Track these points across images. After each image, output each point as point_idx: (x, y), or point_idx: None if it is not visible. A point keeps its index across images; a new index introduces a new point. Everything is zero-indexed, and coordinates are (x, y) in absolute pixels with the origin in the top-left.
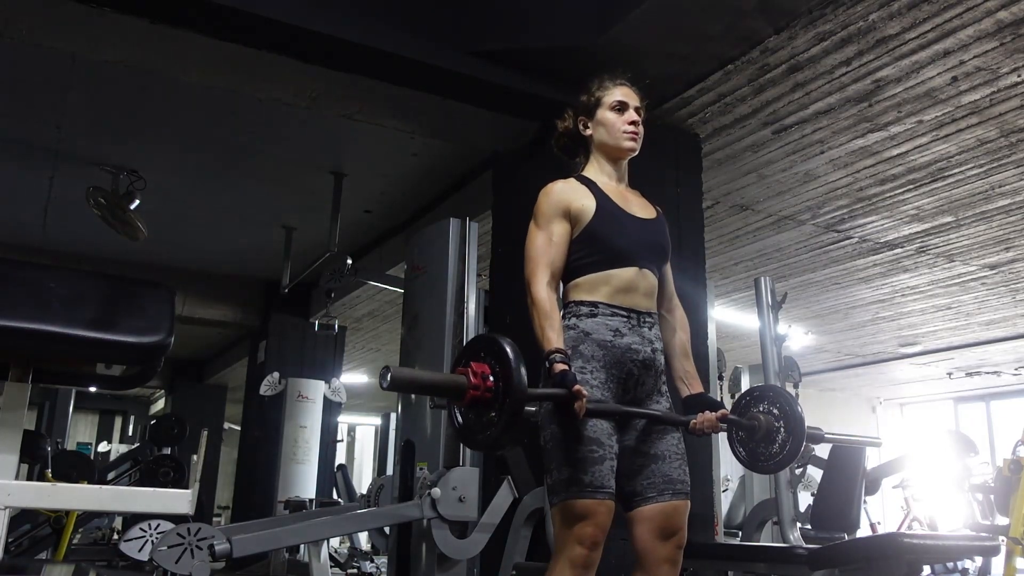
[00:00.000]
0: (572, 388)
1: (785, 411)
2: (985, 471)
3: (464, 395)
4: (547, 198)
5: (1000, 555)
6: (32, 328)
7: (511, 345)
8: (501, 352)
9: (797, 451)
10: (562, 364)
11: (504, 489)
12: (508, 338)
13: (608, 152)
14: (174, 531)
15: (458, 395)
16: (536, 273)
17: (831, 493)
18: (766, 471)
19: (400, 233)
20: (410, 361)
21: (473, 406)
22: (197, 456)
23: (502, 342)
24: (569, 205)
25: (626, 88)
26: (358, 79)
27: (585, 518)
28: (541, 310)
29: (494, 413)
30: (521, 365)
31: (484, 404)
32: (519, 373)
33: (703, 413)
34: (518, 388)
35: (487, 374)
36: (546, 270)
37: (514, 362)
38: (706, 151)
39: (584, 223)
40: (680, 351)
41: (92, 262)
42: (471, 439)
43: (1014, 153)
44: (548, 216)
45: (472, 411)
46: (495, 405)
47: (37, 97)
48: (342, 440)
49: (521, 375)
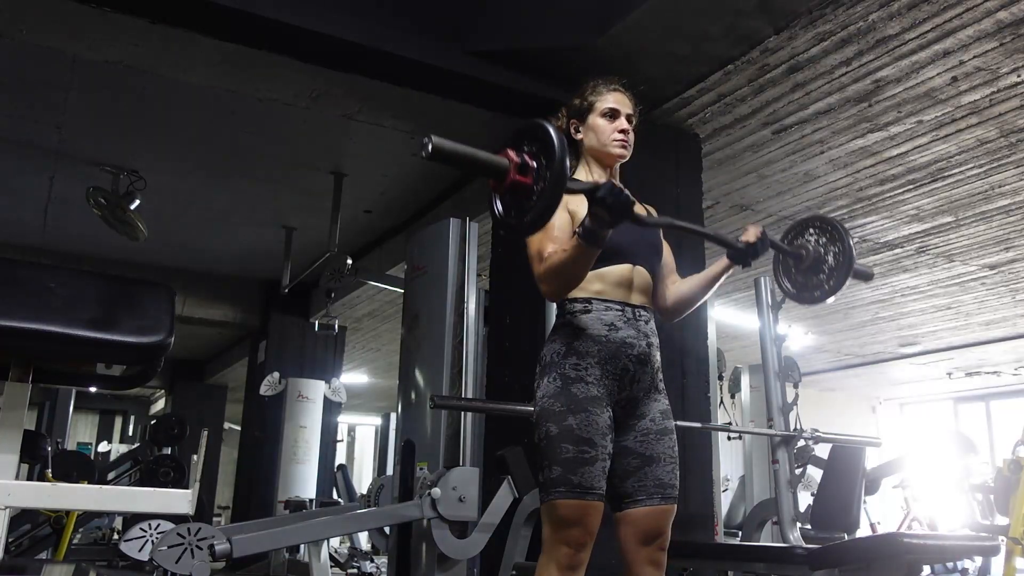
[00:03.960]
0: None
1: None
2: (985, 471)
3: (505, 176)
4: None
5: (1000, 555)
6: (32, 328)
7: (557, 133)
8: (546, 137)
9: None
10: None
11: (504, 489)
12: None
13: (597, 158)
14: (174, 531)
15: (499, 175)
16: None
17: (831, 493)
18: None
19: (400, 233)
20: (410, 361)
21: (513, 190)
22: (197, 456)
23: (549, 129)
24: (567, 201)
25: (619, 94)
26: (358, 79)
27: (572, 519)
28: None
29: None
30: (566, 154)
31: (524, 191)
32: (563, 162)
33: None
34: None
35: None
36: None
37: (558, 149)
38: (706, 151)
39: (578, 223)
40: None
41: (92, 262)
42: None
43: (1014, 153)
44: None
45: (511, 195)
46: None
47: (37, 97)
48: (342, 440)
49: (565, 163)
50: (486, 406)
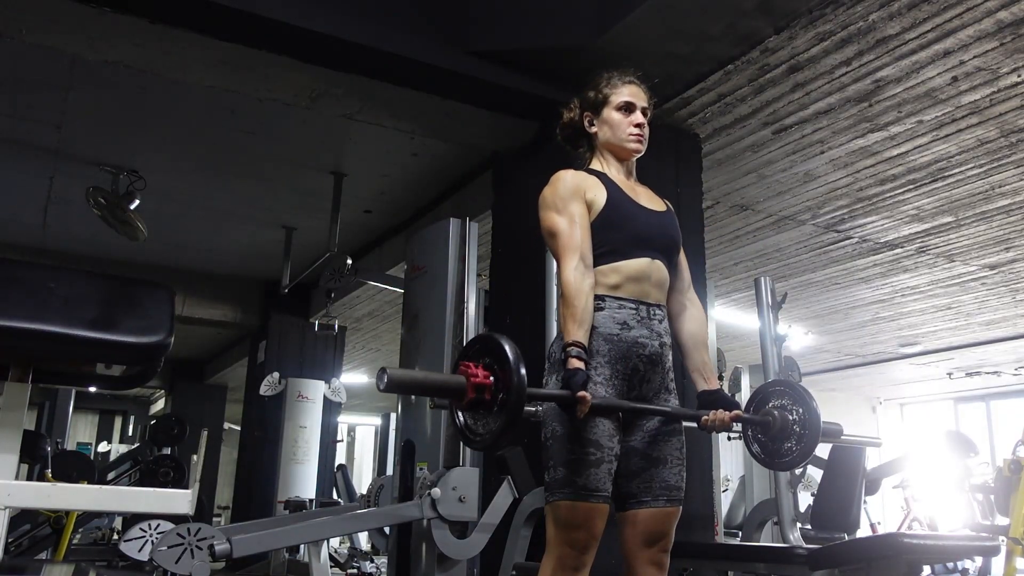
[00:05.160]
0: (577, 393)
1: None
2: (985, 471)
3: (463, 396)
4: (562, 183)
5: (1000, 555)
6: (32, 328)
7: (510, 344)
8: (500, 352)
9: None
10: (578, 361)
11: (504, 489)
12: (507, 337)
13: (612, 151)
14: (174, 531)
15: (458, 396)
16: (564, 256)
17: (831, 493)
18: (782, 468)
19: (400, 233)
20: (410, 361)
21: (473, 407)
22: (197, 456)
23: (501, 341)
24: (584, 191)
25: (634, 87)
26: (358, 79)
27: (576, 521)
28: (567, 297)
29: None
30: (521, 365)
31: (484, 405)
32: (519, 374)
33: (716, 411)
34: (517, 389)
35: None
36: (575, 252)
37: (514, 362)
38: (706, 151)
39: (596, 213)
40: (699, 342)
41: (92, 262)
42: (471, 440)
43: (1014, 153)
44: (566, 199)
45: (472, 411)
46: (495, 406)
47: (37, 97)
48: (342, 440)
49: (521, 376)
50: None
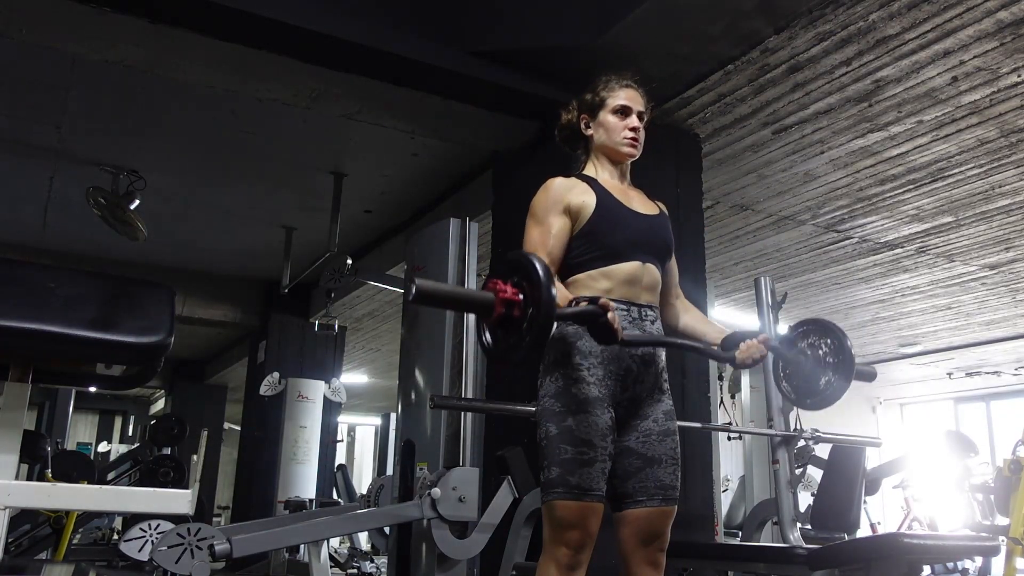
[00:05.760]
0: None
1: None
2: (985, 471)
3: (492, 311)
4: (546, 194)
5: (1000, 555)
6: (32, 328)
7: (540, 262)
8: (530, 269)
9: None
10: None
11: (504, 489)
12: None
13: (607, 155)
14: (174, 531)
15: (486, 311)
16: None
17: (831, 493)
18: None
19: (400, 233)
20: (410, 361)
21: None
22: (197, 456)
23: (532, 259)
24: (569, 201)
25: (631, 91)
26: (358, 79)
27: (570, 521)
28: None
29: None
30: (551, 283)
31: (513, 322)
32: (548, 290)
33: (745, 343)
34: (547, 304)
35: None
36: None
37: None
38: (706, 151)
39: (585, 219)
40: (700, 318)
41: (92, 262)
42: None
43: (1014, 153)
44: (546, 210)
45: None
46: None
47: (37, 97)
48: (342, 440)
49: (551, 292)
50: (486, 406)
